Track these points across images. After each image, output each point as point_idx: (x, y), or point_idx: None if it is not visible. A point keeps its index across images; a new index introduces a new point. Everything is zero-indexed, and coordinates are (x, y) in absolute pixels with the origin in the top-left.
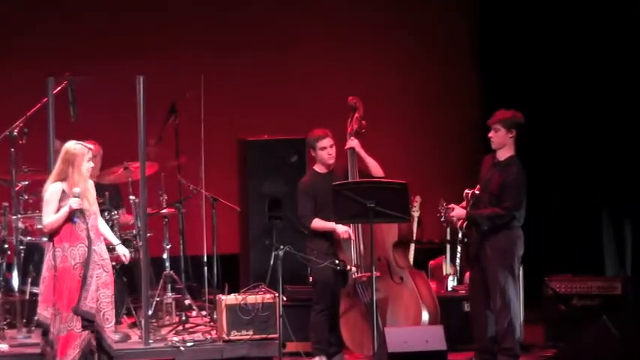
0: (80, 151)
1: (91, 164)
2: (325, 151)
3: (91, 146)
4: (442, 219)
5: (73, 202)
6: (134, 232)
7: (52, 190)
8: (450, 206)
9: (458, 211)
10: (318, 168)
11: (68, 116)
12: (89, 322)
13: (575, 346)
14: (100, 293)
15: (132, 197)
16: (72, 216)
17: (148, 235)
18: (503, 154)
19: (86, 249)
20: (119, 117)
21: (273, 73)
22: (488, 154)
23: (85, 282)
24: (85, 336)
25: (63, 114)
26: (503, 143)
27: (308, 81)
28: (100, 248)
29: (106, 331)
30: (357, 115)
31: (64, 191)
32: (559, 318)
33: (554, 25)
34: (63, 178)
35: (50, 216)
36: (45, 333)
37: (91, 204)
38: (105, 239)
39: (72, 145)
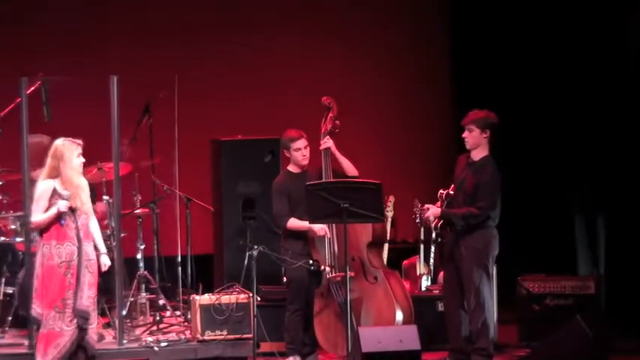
0: (69, 146)
1: (82, 159)
2: (299, 152)
3: (80, 142)
4: (417, 220)
5: (61, 205)
6: (108, 232)
7: (42, 187)
8: (424, 207)
9: (433, 210)
10: (292, 168)
11: (42, 116)
12: (84, 320)
13: (548, 345)
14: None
15: (106, 197)
16: (59, 218)
17: (122, 235)
18: (478, 154)
19: (74, 248)
20: (92, 117)
21: (248, 74)
22: (462, 154)
23: (78, 281)
24: (69, 336)
25: (36, 114)
26: (477, 143)
27: (283, 81)
28: (87, 248)
29: (89, 331)
30: (330, 114)
31: (55, 189)
32: (533, 318)
33: (528, 25)
34: (54, 175)
35: (39, 214)
36: (38, 329)
37: (84, 203)
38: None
39: (60, 142)
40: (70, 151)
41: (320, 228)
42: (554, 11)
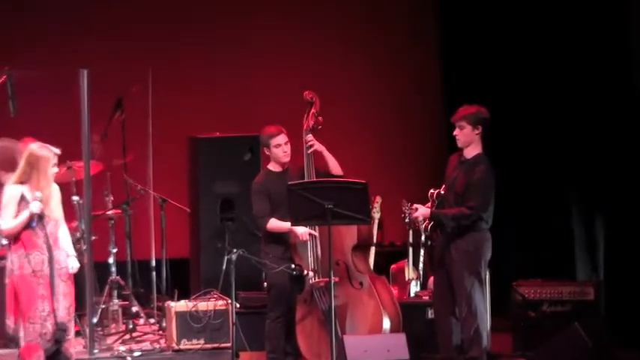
0: (46, 155)
1: (56, 169)
2: (280, 148)
3: (58, 151)
4: (406, 220)
5: (34, 206)
6: (78, 235)
7: (10, 193)
8: (413, 206)
9: (422, 210)
10: (273, 167)
11: (7, 111)
12: (62, 333)
13: (545, 355)
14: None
15: (75, 198)
16: (31, 220)
17: (93, 238)
18: (470, 152)
19: (43, 257)
20: (62, 113)
21: (228, 69)
22: (454, 153)
23: (53, 292)
24: (47, 349)
25: (1, 108)
26: (469, 141)
27: (263, 76)
28: (59, 256)
29: (66, 343)
30: (313, 110)
31: (23, 195)
32: (528, 325)
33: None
34: (24, 180)
35: (9, 220)
36: (17, 346)
37: (52, 210)
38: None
39: (36, 149)
40: (45, 161)
41: (303, 232)
42: (545, 8)
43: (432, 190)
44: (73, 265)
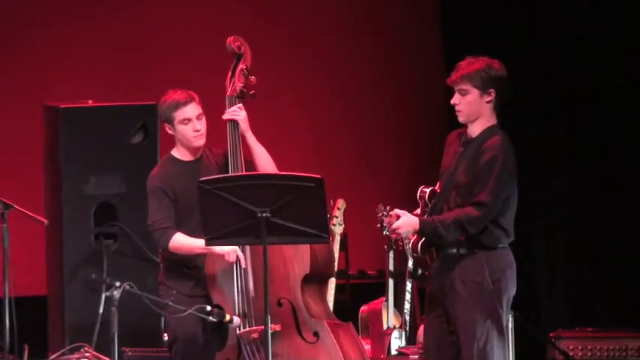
0: None
1: None
2: (189, 125)
3: None
4: (384, 232)
5: None
6: None
7: None
8: (393, 212)
9: (407, 219)
10: (179, 153)
11: None
12: None
13: None
14: None
15: None
16: None
17: None
18: (478, 127)
19: None
20: None
21: (110, 8)
22: (453, 131)
23: None
24: None
25: None
26: (475, 113)
27: (163, 21)
28: None
29: None
30: (241, 66)
31: None
32: None
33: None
34: None
35: None
36: None
37: None
38: None
39: None
40: None
41: (231, 250)
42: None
43: (423, 188)
44: None
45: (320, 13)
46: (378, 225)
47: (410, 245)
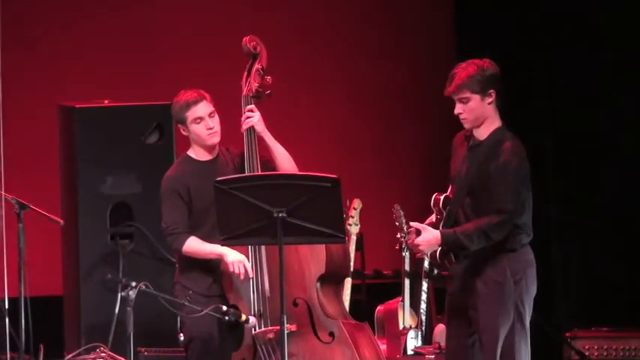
0: None
1: None
2: (202, 124)
3: None
4: (403, 248)
5: None
6: None
7: None
8: (411, 228)
9: (427, 236)
10: (195, 153)
11: None
12: None
13: None
14: None
15: None
16: None
17: None
18: (485, 129)
19: None
20: None
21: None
22: (459, 133)
23: None
24: None
25: None
26: (481, 116)
27: (177, 23)
28: None
29: None
30: (257, 65)
31: None
32: None
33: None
34: None
35: None
36: None
37: None
38: None
39: None
40: None
41: (236, 260)
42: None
43: (436, 195)
44: None
45: (346, 14)
46: (397, 247)
47: (429, 254)
